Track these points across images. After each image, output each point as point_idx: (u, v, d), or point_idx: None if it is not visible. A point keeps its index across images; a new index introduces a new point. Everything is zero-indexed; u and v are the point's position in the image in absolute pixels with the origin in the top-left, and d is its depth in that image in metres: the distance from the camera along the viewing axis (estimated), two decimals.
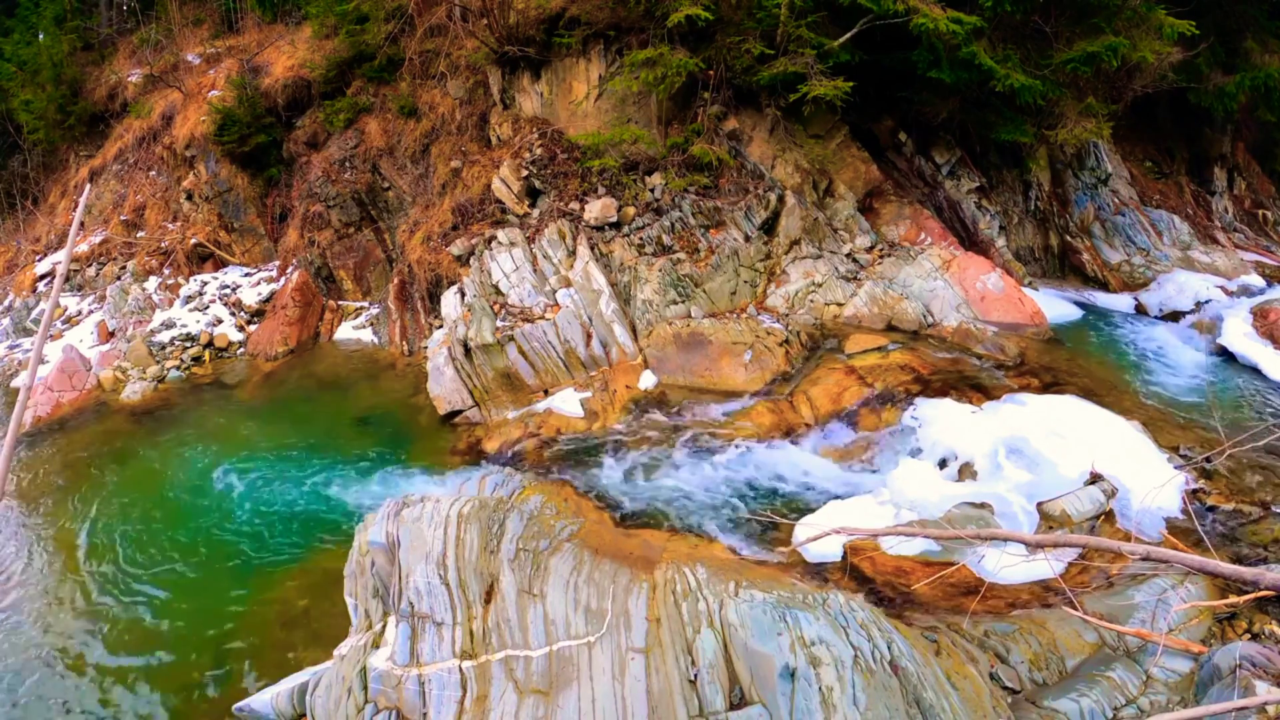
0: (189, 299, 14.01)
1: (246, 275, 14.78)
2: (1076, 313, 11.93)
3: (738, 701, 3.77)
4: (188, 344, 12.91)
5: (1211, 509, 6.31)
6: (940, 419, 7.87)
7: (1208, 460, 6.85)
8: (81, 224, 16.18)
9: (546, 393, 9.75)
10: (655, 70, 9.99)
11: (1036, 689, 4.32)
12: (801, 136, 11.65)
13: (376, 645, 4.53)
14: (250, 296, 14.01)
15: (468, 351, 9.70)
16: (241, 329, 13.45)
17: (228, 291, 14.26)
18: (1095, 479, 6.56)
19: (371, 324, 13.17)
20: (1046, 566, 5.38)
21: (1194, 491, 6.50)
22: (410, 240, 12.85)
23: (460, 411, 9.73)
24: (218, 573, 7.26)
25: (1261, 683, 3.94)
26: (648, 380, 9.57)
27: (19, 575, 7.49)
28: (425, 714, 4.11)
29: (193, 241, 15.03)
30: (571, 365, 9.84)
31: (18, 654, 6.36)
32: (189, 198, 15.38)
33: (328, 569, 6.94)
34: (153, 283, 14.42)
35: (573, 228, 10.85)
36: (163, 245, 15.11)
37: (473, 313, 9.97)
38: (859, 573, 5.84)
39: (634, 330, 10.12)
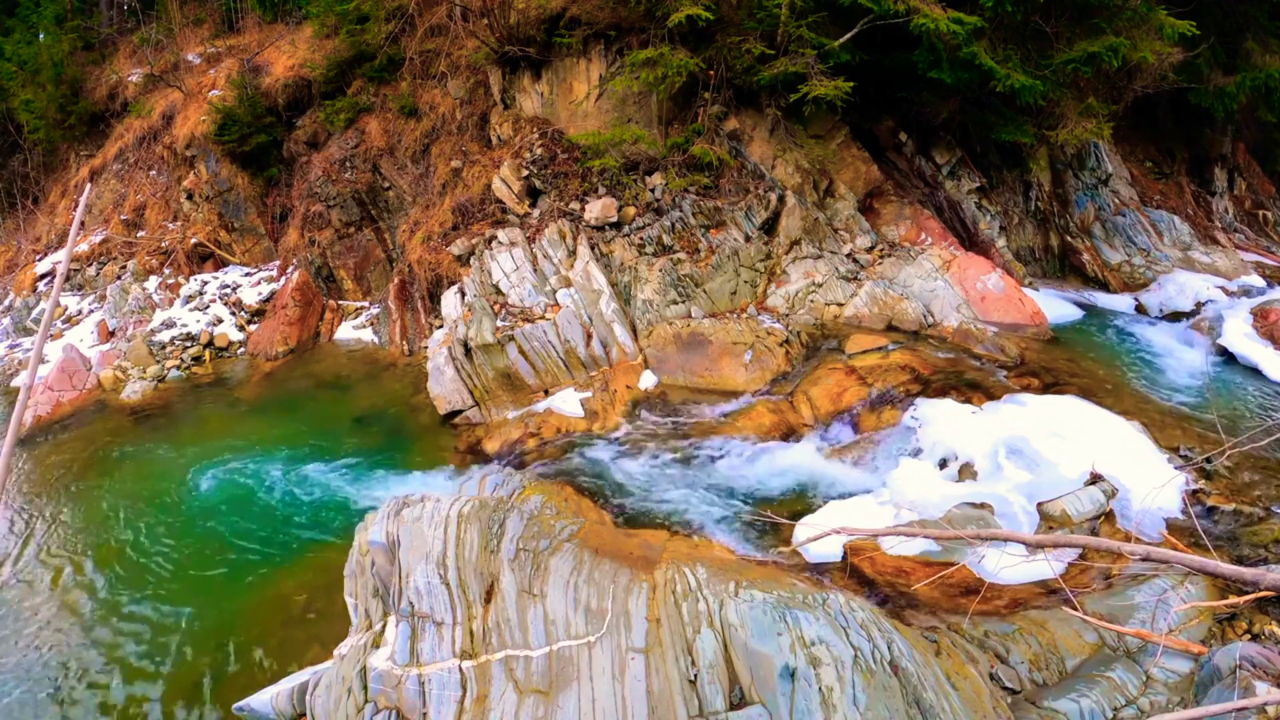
0: (189, 298, 14.01)
1: (247, 275, 14.78)
2: (1077, 313, 11.93)
3: (738, 701, 3.77)
4: (188, 343, 12.92)
5: (1212, 509, 6.31)
6: (940, 419, 7.86)
7: (1208, 460, 6.85)
8: (82, 223, 16.18)
9: (547, 393, 9.75)
10: (656, 70, 9.99)
11: (1036, 689, 4.32)
12: (802, 137, 11.65)
13: (376, 645, 4.53)
14: (250, 296, 14.01)
15: (468, 351, 9.70)
16: (242, 328, 13.45)
17: (228, 291, 14.26)
18: (1095, 479, 6.55)
19: (372, 324, 13.17)
20: (1046, 567, 5.38)
21: (1194, 492, 6.50)
22: (410, 240, 12.85)
23: (460, 411, 9.73)
24: (218, 572, 7.26)
25: (1261, 683, 3.94)
26: (648, 380, 9.57)
27: (18, 575, 7.49)
28: (425, 714, 4.11)
29: (193, 241, 15.03)
30: (572, 365, 9.84)
31: (17, 653, 6.36)
32: (189, 197, 15.38)
33: (328, 568, 6.94)
34: (153, 282, 14.43)
35: (573, 228, 10.85)
36: (163, 245, 15.11)
37: (473, 312, 9.97)
38: (859, 573, 5.84)
39: (634, 330, 10.12)
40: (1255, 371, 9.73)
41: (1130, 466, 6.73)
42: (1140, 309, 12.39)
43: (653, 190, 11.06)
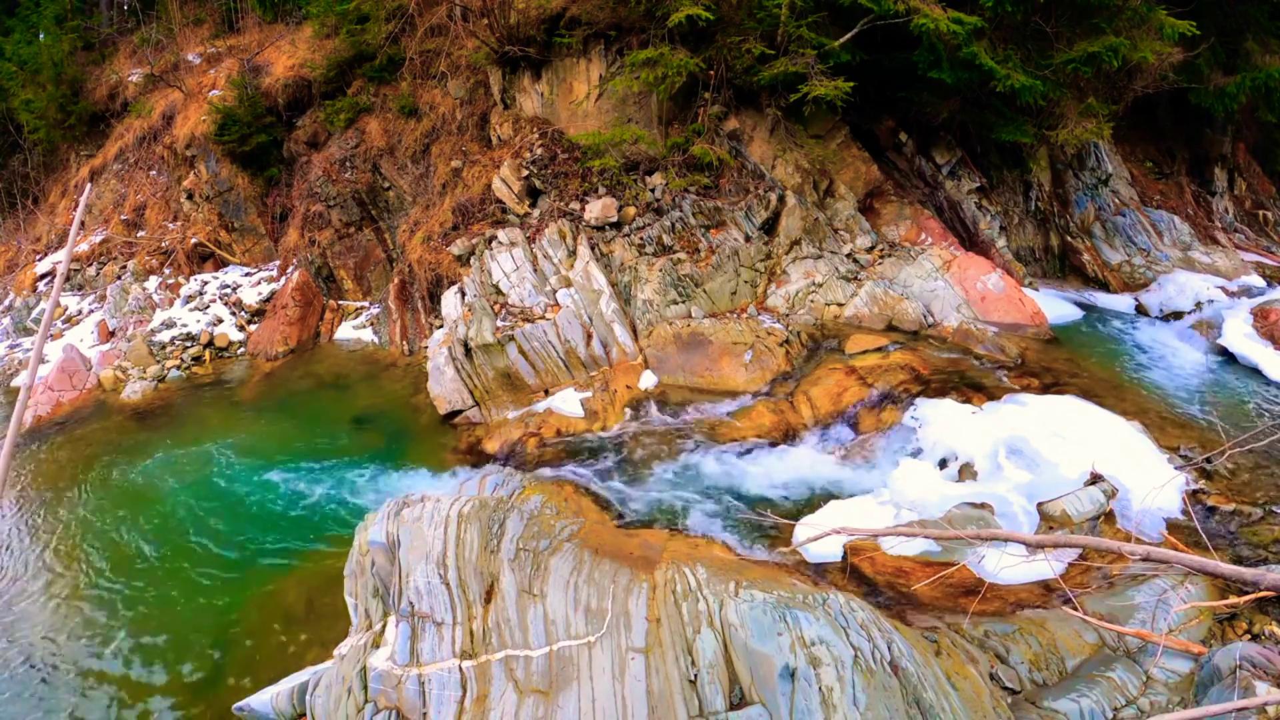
0: (189, 298, 14.01)
1: (247, 275, 14.79)
2: (1077, 313, 11.93)
3: (738, 701, 3.77)
4: (188, 343, 12.92)
5: (1212, 509, 6.31)
6: (940, 419, 7.86)
7: (1208, 461, 6.85)
8: (82, 223, 16.19)
9: (547, 393, 9.75)
10: (656, 70, 9.99)
11: (1036, 689, 4.32)
12: (802, 136, 11.65)
13: (376, 645, 4.53)
14: (250, 296, 14.01)
15: (468, 351, 9.70)
16: (242, 328, 13.45)
17: (228, 291, 14.26)
18: (1095, 479, 6.55)
19: (372, 324, 13.18)
20: (1046, 567, 5.38)
21: (1194, 492, 6.50)
22: (411, 240, 12.85)
23: (460, 411, 9.74)
24: (217, 572, 7.26)
25: (1261, 683, 3.94)
26: (648, 380, 9.57)
27: (19, 575, 7.49)
28: (425, 714, 4.11)
29: (193, 241, 15.04)
30: (572, 365, 9.84)
31: (18, 654, 6.36)
32: (189, 197, 15.38)
33: (328, 569, 6.95)
34: (153, 282, 14.43)
35: (573, 227, 10.85)
36: (163, 245, 15.11)
37: (473, 312, 9.97)
38: (859, 573, 5.84)
39: (634, 330, 10.12)
40: (1255, 371, 9.73)
41: (1130, 466, 6.72)
42: (1140, 309, 12.40)
43: (653, 190, 11.06)
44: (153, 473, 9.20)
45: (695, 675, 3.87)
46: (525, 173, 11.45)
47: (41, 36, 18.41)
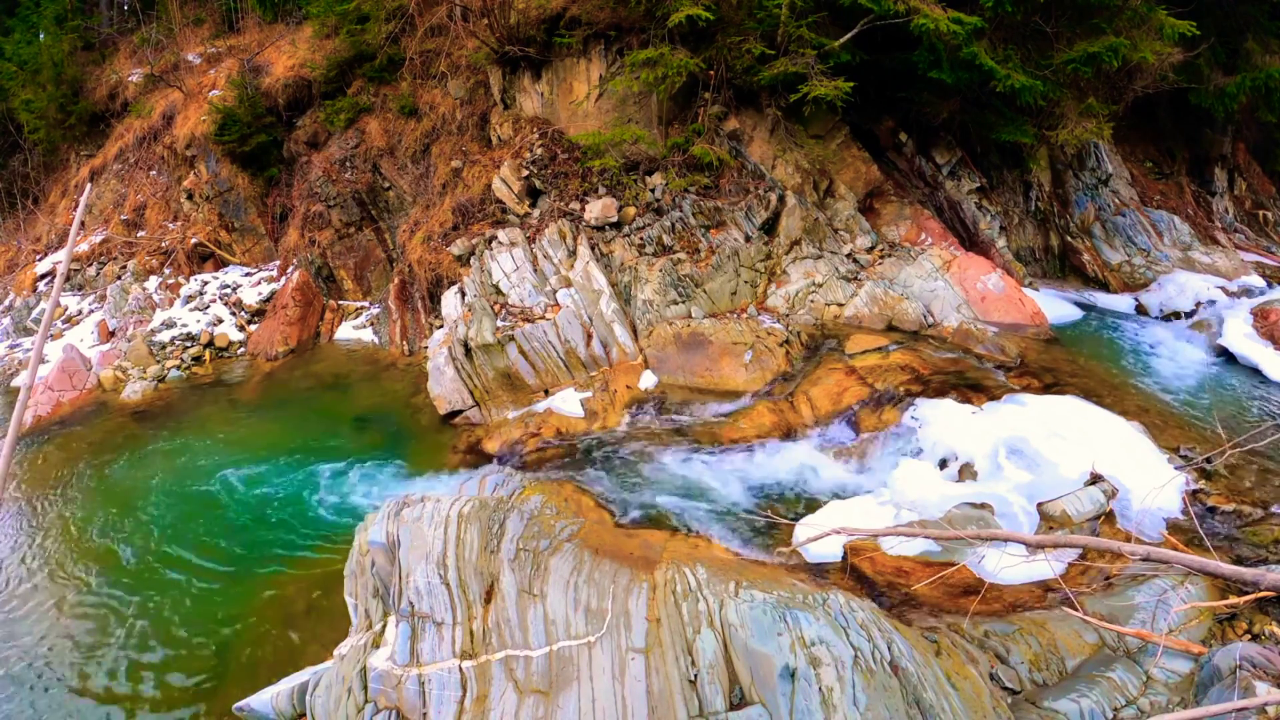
0: (189, 298, 14.02)
1: (247, 275, 14.79)
2: (1077, 313, 11.93)
3: (738, 702, 3.77)
4: (188, 343, 12.92)
5: (1212, 509, 6.31)
6: (940, 419, 7.86)
7: (1208, 461, 6.85)
8: (82, 223, 16.18)
9: (547, 393, 9.75)
10: (656, 70, 9.99)
11: (1036, 689, 4.32)
12: (802, 137, 11.65)
13: (376, 645, 4.53)
14: (250, 296, 14.01)
15: (468, 351, 9.70)
16: (242, 329, 13.45)
17: (228, 291, 14.27)
18: (1095, 479, 6.55)
19: (372, 324, 13.18)
20: (1046, 567, 5.38)
21: (1194, 492, 6.50)
22: (411, 240, 12.85)
23: (460, 411, 9.74)
24: (217, 572, 7.26)
25: (1261, 683, 3.94)
26: (648, 380, 9.57)
27: (18, 575, 7.49)
28: (425, 714, 4.11)
29: (193, 241, 15.04)
30: (572, 365, 9.84)
31: (17, 654, 6.36)
32: (189, 197, 15.39)
33: (328, 569, 6.95)
34: (153, 282, 14.43)
35: (573, 228, 10.85)
36: (163, 245, 15.12)
37: (473, 312, 9.97)
38: (859, 573, 5.84)
39: (634, 330, 10.12)
40: (1255, 371, 9.73)
41: (1130, 467, 6.72)
42: (1140, 309, 12.40)
43: (653, 190, 11.06)
44: (152, 474, 9.20)
45: (695, 675, 3.87)
46: (525, 173, 11.45)
47: (41, 36, 18.42)
